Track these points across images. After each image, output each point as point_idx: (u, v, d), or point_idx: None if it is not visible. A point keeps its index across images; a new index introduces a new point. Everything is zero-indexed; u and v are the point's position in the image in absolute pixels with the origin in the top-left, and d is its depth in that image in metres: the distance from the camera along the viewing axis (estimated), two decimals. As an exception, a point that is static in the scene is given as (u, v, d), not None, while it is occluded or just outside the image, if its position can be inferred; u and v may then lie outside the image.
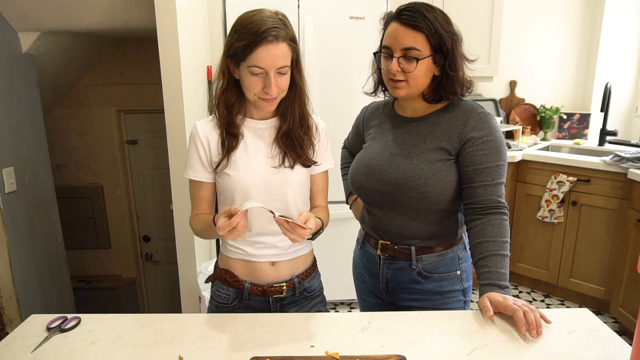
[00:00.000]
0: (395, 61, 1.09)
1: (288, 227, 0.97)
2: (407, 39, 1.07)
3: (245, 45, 0.99)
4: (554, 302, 2.85)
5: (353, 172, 1.26)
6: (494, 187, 1.11)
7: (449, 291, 1.22)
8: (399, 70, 1.09)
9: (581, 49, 3.23)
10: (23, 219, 2.27)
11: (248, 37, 0.99)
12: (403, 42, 1.08)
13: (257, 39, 0.98)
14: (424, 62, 1.08)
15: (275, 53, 1.00)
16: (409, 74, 1.09)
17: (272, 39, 0.99)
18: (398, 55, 1.09)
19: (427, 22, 1.06)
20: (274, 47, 1.00)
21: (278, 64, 1.01)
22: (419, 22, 1.06)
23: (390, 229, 1.21)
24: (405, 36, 1.07)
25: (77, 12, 2.20)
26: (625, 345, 0.93)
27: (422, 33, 1.06)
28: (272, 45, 0.99)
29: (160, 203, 3.62)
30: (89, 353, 0.91)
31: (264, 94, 1.04)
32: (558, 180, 2.65)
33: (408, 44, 1.07)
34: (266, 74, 1.02)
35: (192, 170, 1.15)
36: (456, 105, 1.16)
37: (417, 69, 1.08)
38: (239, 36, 1.00)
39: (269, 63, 1.00)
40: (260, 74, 1.02)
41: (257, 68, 1.01)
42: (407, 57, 1.08)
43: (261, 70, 1.01)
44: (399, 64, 1.09)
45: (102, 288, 3.59)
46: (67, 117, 3.36)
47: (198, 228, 1.16)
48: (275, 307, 1.19)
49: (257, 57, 0.99)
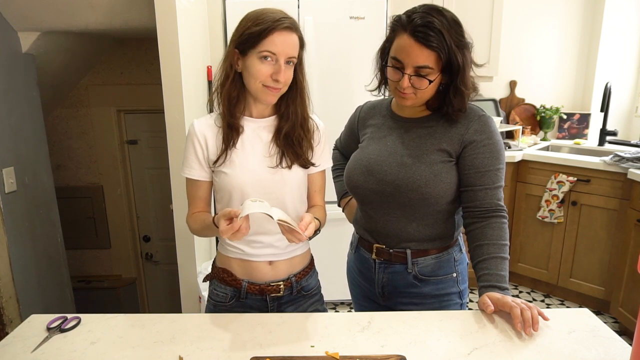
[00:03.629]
0: (407, 78, 1.06)
1: (287, 228, 0.98)
2: (421, 57, 1.04)
3: (262, 29, 1.02)
4: (554, 302, 2.85)
5: (350, 171, 1.24)
6: (494, 190, 1.11)
7: (446, 294, 1.21)
8: (409, 86, 1.07)
9: (581, 49, 3.23)
10: (23, 219, 2.27)
11: (265, 22, 1.02)
12: (416, 61, 1.04)
13: (274, 24, 1.02)
14: (435, 80, 1.07)
15: (289, 41, 1.04)
16: (419, 90, 1.08)
17: (288, 26, 1.04)
18: (410, 73, 1.06)
19: (442, 41, 1.02)
20: (288, 35, 1.04)
21: (289, 53, 1.04)
22: (433, 42, 1.02)
23: (386, 231, 1.20)
24: (419, 55, 1.04)
25: (77, 12, 2.20)
26: (625, 345, 0.93)
27: (435, 52, 1.03)
28: (287, 33, 1.03)
29: (160, 203, 3.62)
30: (89, 353, 0.91)
31: (271, 81, 1.05)
32: (558, 180, 2.65)
33: (421, 63, 1.04)
34: (276, 61, 1.04)
35: (189, 169, 1.15)
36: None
37: (428, 86, 1.07)
38: (255, 22, 1.03)
39: (282, 49, 1.03)
40: (270, 61, 1.04)
41: (269, 53, 1.03)
42: (419, 75, 1.06)
43: (273, 56, 1.03)
44: (409, 80, 1.07)
45: (102, 288, 3.59)
46: (67, 117, 3.35)
47: (196, 227, 1.17)
48: (272, 306, 1.19)
49: (271, 42, 1.02)
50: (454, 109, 1.11)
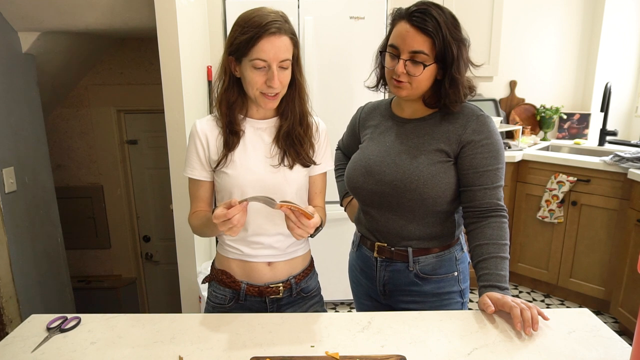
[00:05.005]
0: (402, 63, 1.08)
1: (294, 218, 0.96)
2: (417, 42, 1.05)
3: (249, 38, 1.00)
4: (554, 302, 2.85)
5: (350, 172, 1.25)
6: (493, 190, 1.11)
7: (447, 292, 1.21)
8: (404, 72, 1.08)
9: (581, 49, 3.23)
10: (23, 219, 2.27)
11: (251, 30, 1.00)
12: (412, 45, 1.06)
13: (260, 30, 1.00)
14: (429, 67, 1.08)
15: (278, 45, 1.01)
16: (413, 77, 1.08)
17: (275, 31, 1.01)
18: (405, 58, 1.08)
19: (437, 27, 1.04)
20: (276, 39, 1.01)
21: (281, 57, 1.03)
22: (429, 26, 1.04)
23: (387, 230, 1.21)
24: (414, 39, 1.05)
25: (77, 12, 2.20)
26: (625, 345, 0.93)
27: (431, 38, 1.05)
28: (275, 37, 1.01)
29: (160, 203, 3.62)
30: (89, 353, 0.91)
31: (266, 88, 1.05)
32: (558, 180, 2.65)
33: (417, 48, 1.06)
34: (269, 67, 1.03)
35: (191, 169, 1.15)
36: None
37: (422, 74, 1.08)
38: (242, 30, 1.02)
39: (272, 55, 1.01)
40: (262, 68, 1.03)
41: (260, 61, 1.01)
42: (414, 61, 1.07)
43: (264, 64, 1.02)
44: (404, 66, 1.08)
45: (102, 288, 3.59)
46: (67, 117, 3.35)
47: (197, 223, 1.16)
48: (272, 308, 1.19)
49: (260, 49, 1.00)
50: (450, 100, 1.11)
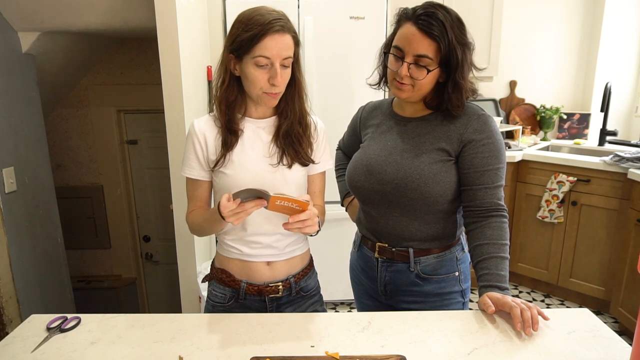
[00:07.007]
0: (406, 66, 1.07)
1: (291, 219, 0.96)
2: (422, 46, 1.05)
3: (253, 35, 1.00)
4: (554, 302, 2.85)
5: (351, 171, 1.25)
6: (494, 190, 1.11)
7: (448, 293, 1.21)
8: (408, 75, 1.08)
9: (581, 49, 3.23)
10: (23, 219, 2.27)
11: (255, 27, 1.00)
12: (417, 49, 1.05)
13: (264, 28, 1.00)
14: (433, 71, 1.07)
15: (282, 43, 1.02)
16: (416, 80, 1.08)
17: (279, 29, 1.01)
18: (409, 61, 1.07)
19: (444, 31, 1.03)
20: (280, 37, 1.01)
21: (284, 54, 1.03)
22: (435, 30, 1.03)
23: (388, 230, 1.21)
24: (420, 43, 1.05)
25: (77, 12, 2.20)
26: (625, 345, 0.93)
27: (436, 42, 1.04)
28: (279, 35, 1.01)
29: (160, 203, 3.62)
30: (89, 353, 0.91)
31: (269, 87, 1.05)
32: (558, 180, 2.65)
33: (422, 52, 1.05)
34: (272, 65, 1.03)
35: (189, 168, 1.15)
36: None
37: (425, 78, 1.08)
38: (246, 27, 1.01)
39: (276, 52, 1.01)
40: (265, 66, 1.03)
41: (263, 58, 1.01)
42: (418, 65, 1.07)
43: (267, 61, 1.02)
44: (408, 69, 1.08)
45: (102, 288, 3.59)
46: (67, 117, 3.35)
47: (195, 220, 1.16)
48: (271, 307, 1.19)
49: (264, 47, 1.00)
50: (453, 105, 1.11)
